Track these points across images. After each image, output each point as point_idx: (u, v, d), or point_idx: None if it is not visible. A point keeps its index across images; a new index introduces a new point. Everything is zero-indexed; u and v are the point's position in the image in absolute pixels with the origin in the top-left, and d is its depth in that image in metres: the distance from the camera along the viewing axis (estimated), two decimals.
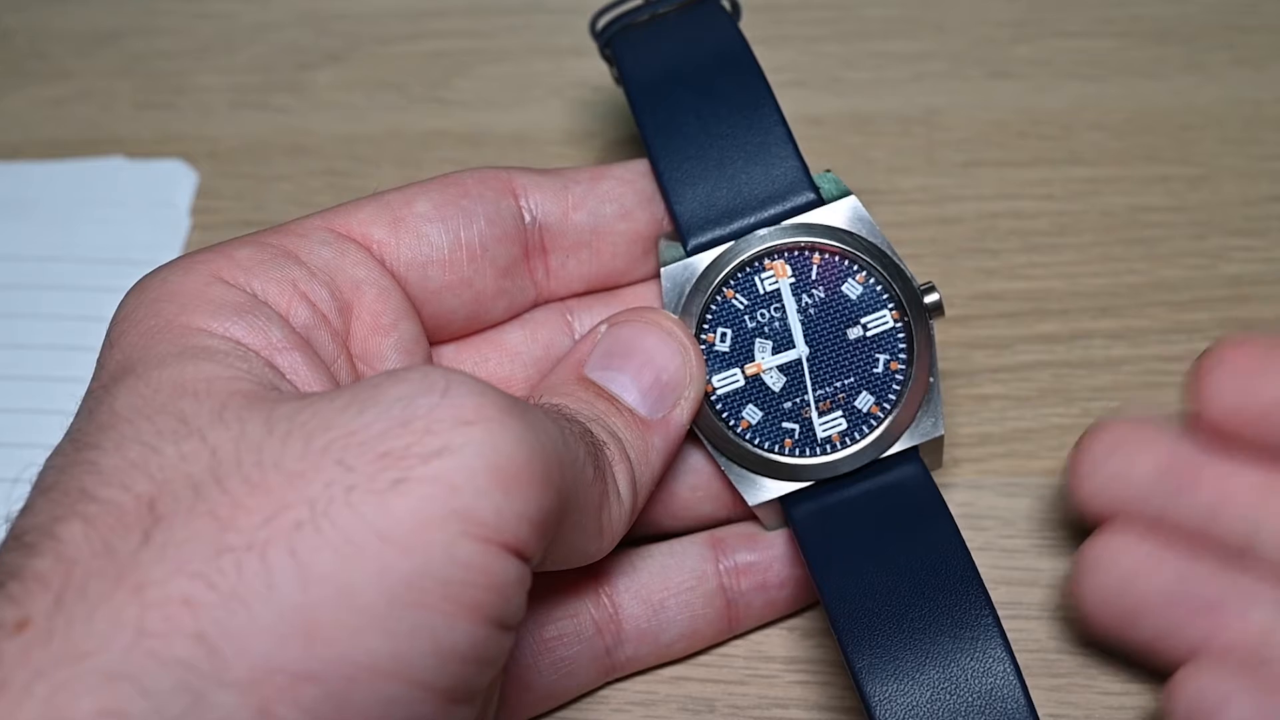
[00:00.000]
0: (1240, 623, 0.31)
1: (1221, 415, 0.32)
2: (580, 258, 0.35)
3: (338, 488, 0.23)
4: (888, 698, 0.30)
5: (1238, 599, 0.31)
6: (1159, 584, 0.32)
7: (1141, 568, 0.32)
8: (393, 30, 0.49)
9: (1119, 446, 0.33)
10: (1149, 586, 0.32)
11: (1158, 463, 0.32)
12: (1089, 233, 0.43)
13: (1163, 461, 0.32)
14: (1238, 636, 0.31)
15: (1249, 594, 0.31)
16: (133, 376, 0.27)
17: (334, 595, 0.23)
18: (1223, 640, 0.31)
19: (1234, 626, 0.31)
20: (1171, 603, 0.32)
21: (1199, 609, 0.31)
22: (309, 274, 0.31)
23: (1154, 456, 0.32)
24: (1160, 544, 0.32)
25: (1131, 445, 0.33)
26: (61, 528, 0.24)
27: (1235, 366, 0.32)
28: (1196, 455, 0.32)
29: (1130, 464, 0.32)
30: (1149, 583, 0.32)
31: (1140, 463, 0.32)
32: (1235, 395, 0.32)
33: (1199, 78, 0.46)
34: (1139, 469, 0.32)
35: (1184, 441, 0.32)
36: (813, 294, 0.34)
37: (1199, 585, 0.32)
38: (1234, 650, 0.31)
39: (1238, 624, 0.31)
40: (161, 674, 0.22)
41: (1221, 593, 0.31)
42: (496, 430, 0.24)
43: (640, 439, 0.31)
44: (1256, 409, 0.32)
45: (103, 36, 0.50)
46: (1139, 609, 0.32)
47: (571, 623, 0.34)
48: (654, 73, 0.36)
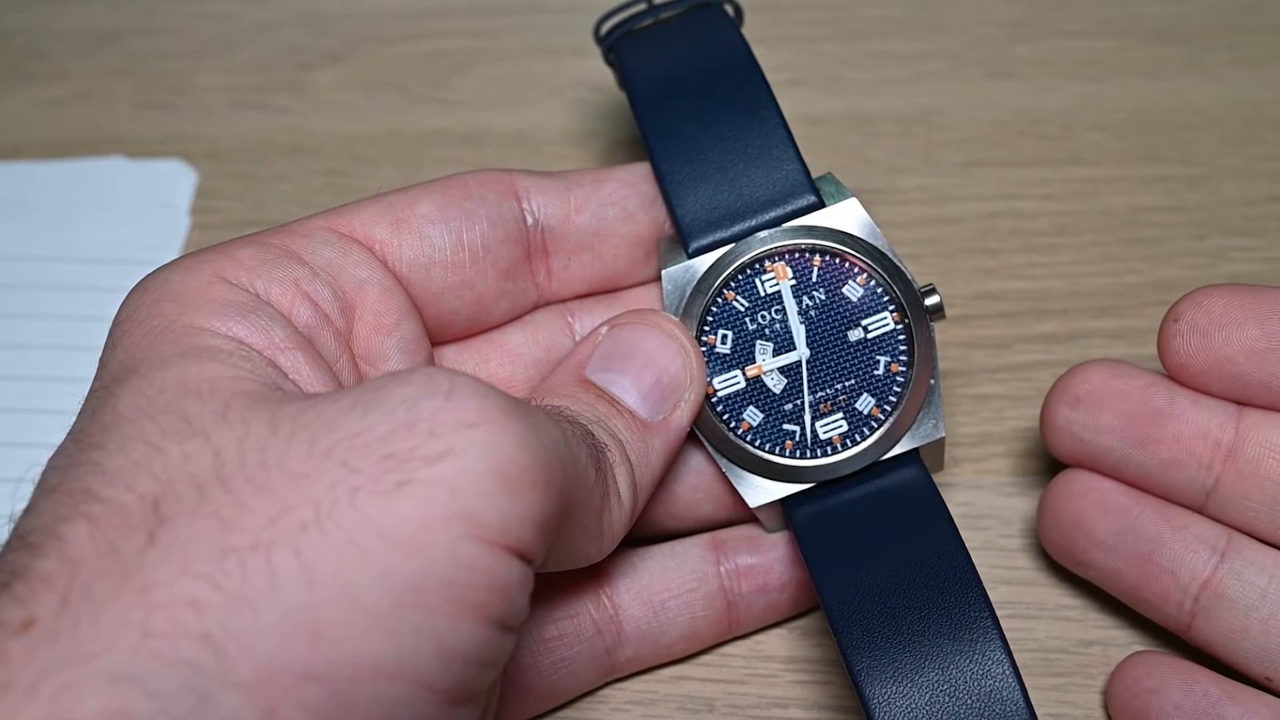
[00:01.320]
0: (1172, 572, 0.33)
1: (1181, 367, 0.33)
2: (582, 260, 0.35)
3: (342, 489, 0.23)
4: (887, 699, 0.30)
5: (1177, 547, 0.33)
6: (1107, 524, 0.34)
7: (1095, 506, 0.34)
8: (393, 30, 0.49)
9: (1088, 396, 0.34)
10: (1098, 525, 0.34)
11: (1123, 414, 0.33)
12: (1089, 233, 0.43)
13: (1128, 413, 0.33)
14: (1169, 585, 0.33)
15: (1187, 544, 0.33)
16: (135, 377, 0.27)
17: (338, 596, 0.23)
18: (1157, 587, 0.33)
19: (1166, 575, 0.33)
20: (1118, 543, 0.33)
21: (1141, 554, 0.33)
22: (311, 274, 0.31)
23: (1120, 408, 0.33)
24: (1118, 487, 0.34)
25: (1099, 395, 0.34)
26: (66, 528, 0.24)
27: (1196, 319, 0.33)
28: (1161, 407, 0.33)
29: (1096, 415, 0.33)
30: (1099, 521, 0.34)
31: (1106, 414, 0.33)
32: (1195, 348, 0.33)
33: (1199, 78, 0.46)
34: (1104, 419, 0.33)
35: (1151, 391, 0.33)
36: (813, 296, 0.34)
37: (1143, 529, 0.33)
38: (1166, 598, 0.33)
39: (1169, 574, 0.33)
40: (167, 675, 0.22)
41: (1161, 538, 0.33)
42: (500, 433, 0.24)
43: (641, 441, 0.32)
44: (1212, 361, 0.33)
45: (103, 36, 0.50)
46: (1089, 545, 0.34)
47: (572, 623, 0.34)
48: (656, 77, 0.36)
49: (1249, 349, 0.32)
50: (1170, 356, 0.33)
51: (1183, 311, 0.33)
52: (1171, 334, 0.33)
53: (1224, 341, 0.33)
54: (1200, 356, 0.33)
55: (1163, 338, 0.33)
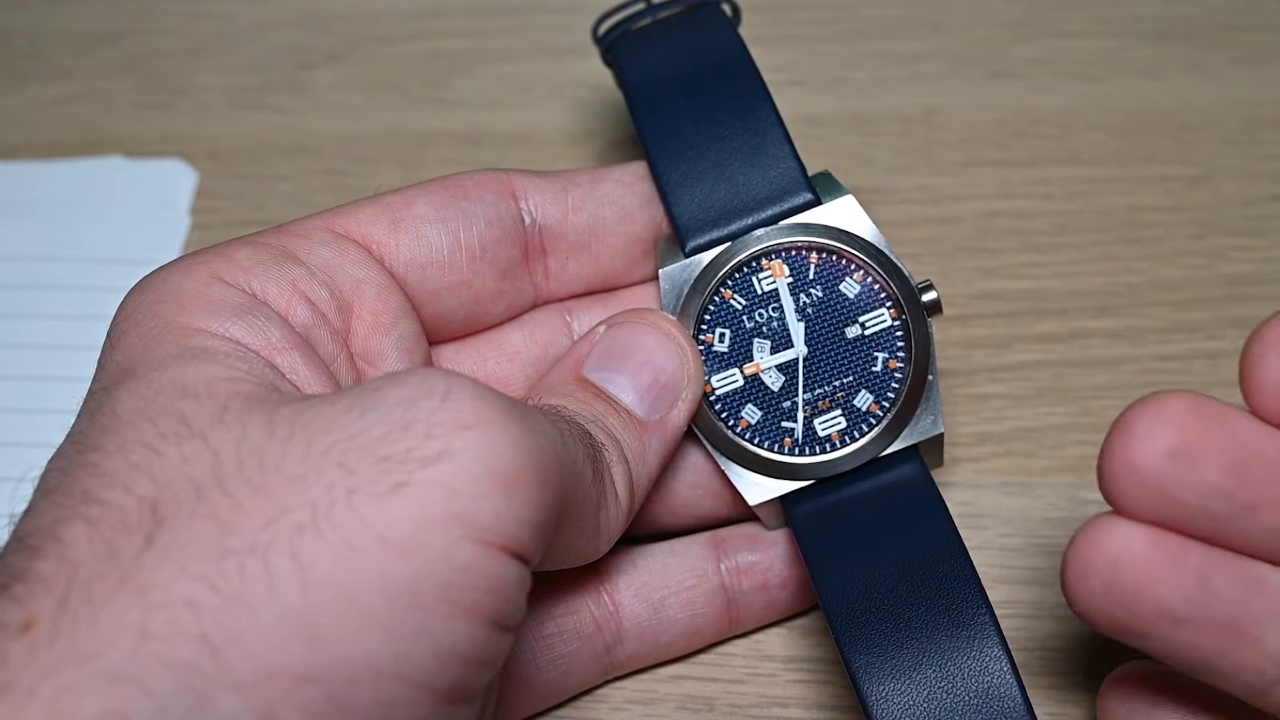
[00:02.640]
0: (1259, 640, 0.27)
1: None
2: (579, 259, 0.35)
3: (339, 491, 0.23)
4: (885, 697, 0.30)
5: (1261, 608, 0.27)
6: (1182, 588, 0.26)
7: (1164, 568, 0.26)
8: (392, 30, 0.50)
9: (1188, 445, 0.26)
10: (1171, 591, 0.26)
11: (1234, 471, 0.26)
12: (1088, 232, 0.43)
13: (1239, 469, 0.26)
14: (1253, 654, 0.27)
15: (1271, 602, 0.27)
16: (133, 379, 0.27)
17: (335, 598, 0.23)
18: (1238, 656, 0.27)
19: (1252, 643, 0.27)
20: (1194, 612, 0.26)
21: (1220, 620, 0.26)
22: (309, 274, 0.31)
23: (1228, 462, 0.26)
24: (1182, 540, 0.27)
25: (1202, 444, 0.26)
26: (65, 530, 0.24)
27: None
28: (1272, 459, 0.26)
29: (1198, 470, 0.26)
30: (1172, 587, 0.26)
31: (1212, 469, 0.26)
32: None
33: (1198, 78, 0.46)
34: (1210, 476, 0.26)
35: (1259, 439, 0.26)
36: (810, 293, 0.34)
37: (1222, 590, 0.26)
38: (1248, 665, 0.27)
39: (1255, 641, 0.27)
40: (165, 676, 0.22)
41: (1245, 601, 0.27)
42: (496, 434, 0.24)
43: (637, 440, 0.32)
44: None
45: (102, 36, 0.50)
46: (1158, 616, 0.27)
47: (571, 620, 0.34)
48: (653, 76, 0.36)
49: None
50: (1268, 398, 0.26)
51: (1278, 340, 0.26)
52: (1269, 368, 0.26)
53: None
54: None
55: (1256, 372, 0.26)
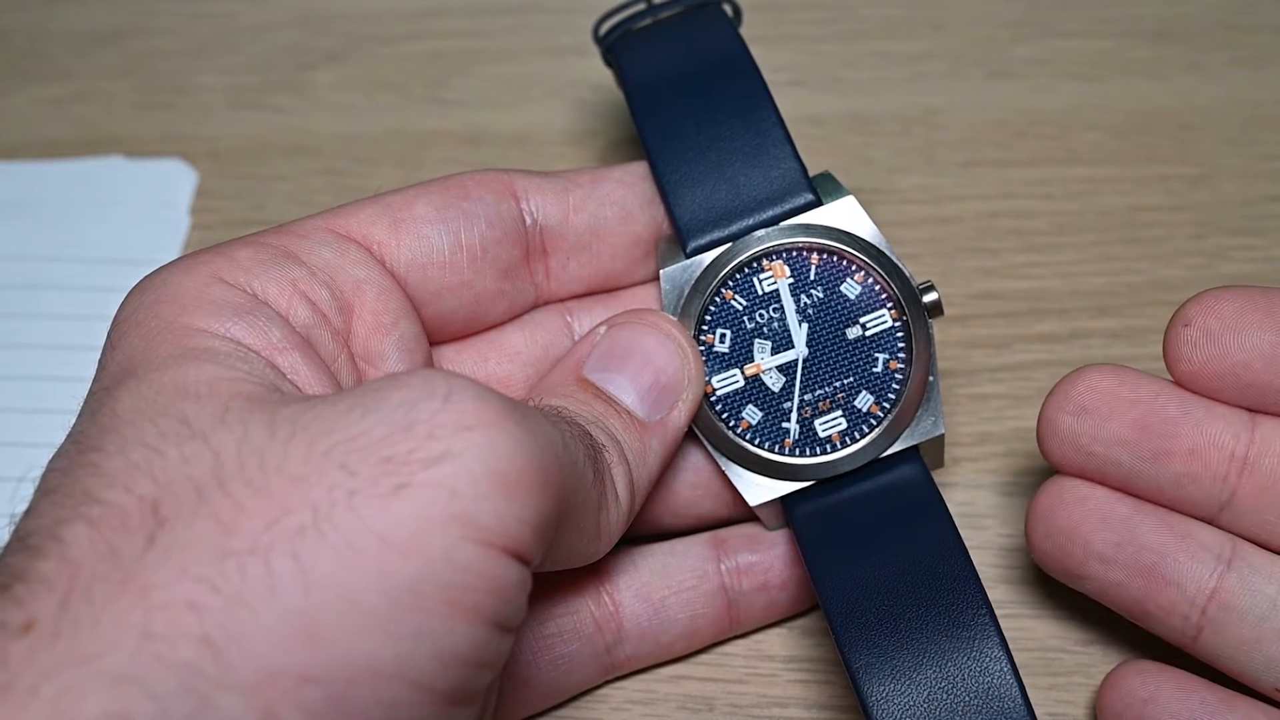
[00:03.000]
0: (1177, 584, 0.31)
1: (1193, 375, 0.31)
2: (580, 260, 0.35)
3: (340, 492, 0.23)
4: (885, 697, 0.30)
5: (1181, 557, 0.31)
6: (1106, 534, 0.32)
7: (1091, 516, 0.32)
8: (392, 30, 0.50)
9: (1095, 404, 0.32)
10: (1096, 536, 0.32)
11: (1133, 425, 0.31)
12: (1088, 232, 0.43)
13: (1139, 424, 0.31)
14: (1174, 597, 0.31)
15: (1192, 553, 0.31)
16: (134, 379, 0.27)
17: (336, 599, 0.23)
18: (1161, 599, 0.31)
19: (1171, 587, 0.31)
20: (1118, 555, 0.32)
21: (1144, 565, 0.31)
22: (309, 274, 0.31)
23: (1130, 418, 0.31)
24: (1114, 494, 0.32)
25: (1107, 404, 0.32)
26: (66, 530, 0.24)
27: (1208, 324, 0.31)
28: (1174, 417, 0.31)
29: (1104, 425, 0.32)
30: (1097, 532, 0.32)
31: (1115, 424, 0.31)
32: (1208, 354, 0.31)
33: (1198, 78, 0.46)
34: (1113, 430, 0.31)
35: (1162, 400, 0.32)
36: (811, 294, 0.34)
37: (1145, 539, 0.31)
38: (1171, 610, 0.31)
39: (1174, 586, 0.31)
40: (167, 677, 0.22)
41: (1165, 548, 0.31)
42: (498, 435, 0.24)
43: (638, 441, 0.32)
44: (1226, 368, 0.31)
45: (102, 36, 0.50)
46: (1087, 557, 0.32)
47: (571, 620, 0.34)
48: (654, 77, 0.36)
49: (1265, 354, 0.31)
50: (1180, 363, 0.32)
51: (1192, 316, 0.31)
52: (1181, 340, 0.31)
53: (1238, 347, 0.31)
54: (1213, 363, 0.31)
55: (1171, 344, 0.32)
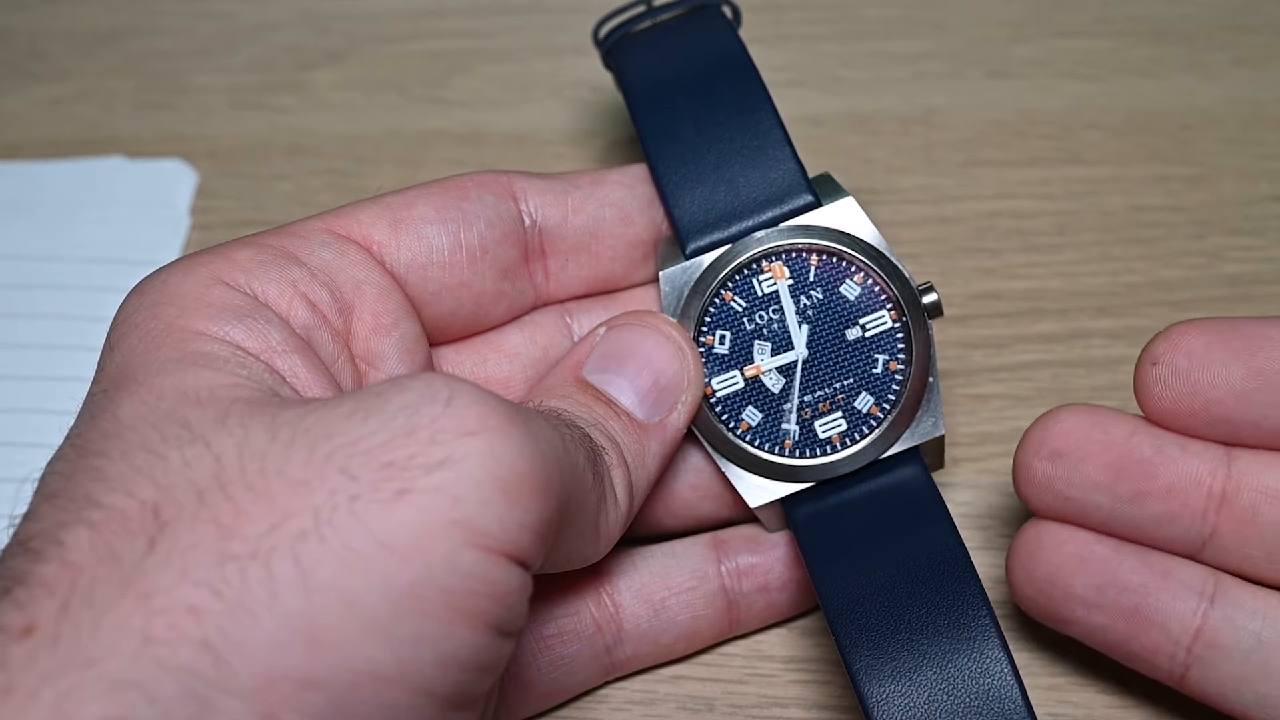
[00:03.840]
0: (1161, 625, 0.31)
1: (1164, 413, 0.31)
2: (580, 261, 0.35)
3: (341, 496, 0.24)
4: (885, 698, 0.30)
5: (1164, 597, 0.31)
6: (1087, 578, 0.31)
7: (1072, 560, 0.32)
8: (393, 30, 0.49)
9: (1069, 449, 0.31)
10: (1078, 580, 0.31)
11: (1109, 467, 0.31)
12: (1088, 232, 0.43)
13: (1115, 466, 0.31)
14: (1159, 638, 0.31)
15: (1174, 592, 0.31)
16: (134, 382, 0.27)
17: (337, 604, 0.23)
18: (1146, 641, 0.31)
19: (1155, 628, 0.31)
20: (1101, 598, 0.31)
21: (1127, 607, 0.31)
22: (309, 275, 0.31)
23: (1105, 460, 0.31)
24: (1093, 536, 0.32)
25: (1081, 447, 0.31)
26: (67, 534, 0.24)
27: (1177, 362, 0.31)
28: (1149, 456, 0.31)
29: (1080, 469, 0.31)
30: (1078, 576, 0.31)
31: (1090, 467, 0.31)
32: (1179, 392, 0.31)
33: (1198, 78, 0.46)
34: (1089, 473, 0.31)
35: (1136, 440, 0.31)
36: (811, 295, 0.34)
37: (1126, 580, 0.31)
38: (1157, 651, 0.31)
39: (1158, 626, 0.31)
40: (168, 681, 0.22)
41: (1146, 589, 0.31)
42: (499, 441, 0.24)
43: (637, 443, 0.32)
44: (1199, 405, 0.31)
45: (103, 36, 0.50)
46: (1069, 602, 0.32)
47: (572, 621, 0.34)
48: (652, 79, 0.36)
49: (1236, 389, 0.31)
50: (1151, 402, 0.31)
51: (1160, 354, 0.31)
52: (1151, 379, 0.31)
53: (1209, 384, 0.31)
54: (1185, 400, 0.31)
55: (1141, 382, 0.31)
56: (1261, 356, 0.31)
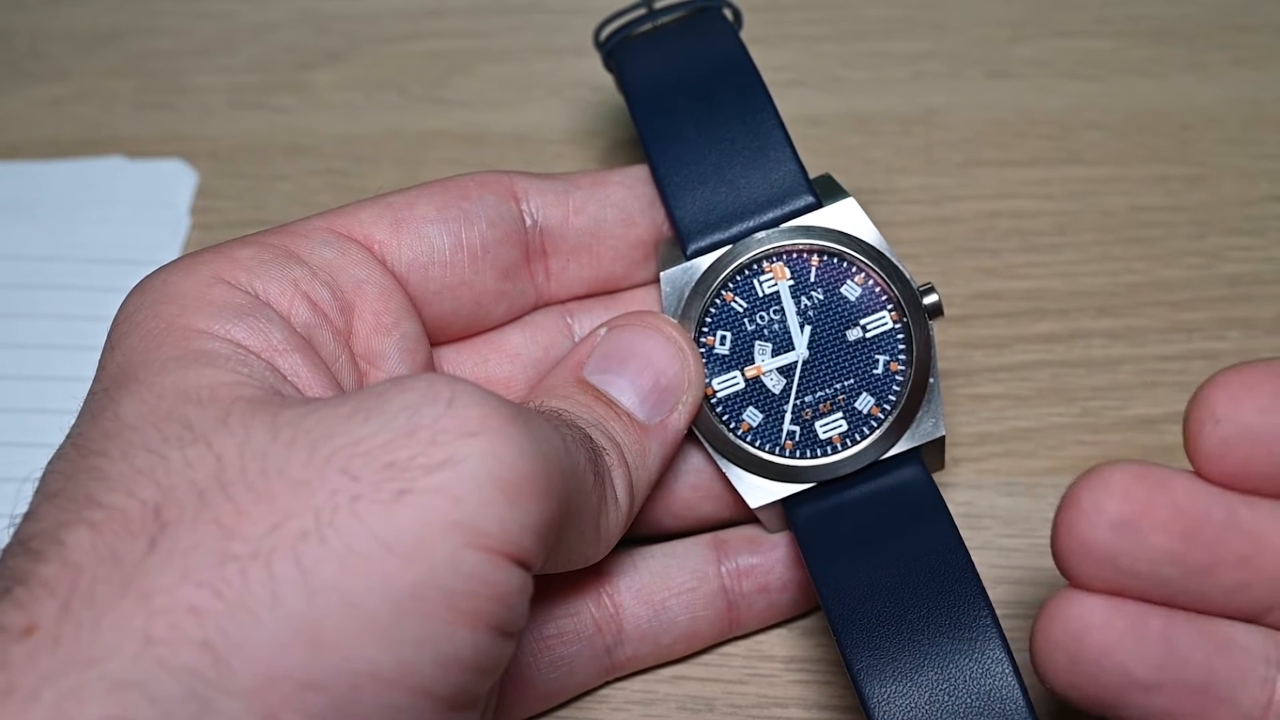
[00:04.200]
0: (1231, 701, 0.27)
1: (1230, 475, 0.27)
2: (581, 261, 0.35)
3: (342, 497, 0.24)
4: (886, 699, 0.30)
5: (1230, 671, 0.27)
6: (1146, 657, 0.27)
7: (1127, 638, 0.27)
8: (393, 30, 0.49)
9: (1133, 516, 0.27)
10: (1135, 661, 0.27)
11: (1180, 537, 0.27)
12: (1088, 232, 0.43)
13: (1186, 535, 0.27)
14: (1227, 715, 0.27)
15: (1240, 663, 0.27)
16: (135, 381, 0.27)
17: (338, 604, 0.23)
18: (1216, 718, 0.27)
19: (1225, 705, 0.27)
20: (1163, 679, 0.27)
21: (1193, 686, 0.27)
22: (310, 274, 0.31)
23: (1175, 529, 0.27)
24: (1143, 607, 0.27)
25: (1146, 515, 0.27)
26: (68, 534, 0.24)
27: (1241, 418, 0.27)
28: (1221, 521, 0.27)
29: (1146, 540, 0.27)
30: (1135, 656, 0.27)
31: (1158, 537, 0.27)
32: (1247, 452, 0.27)
33: (1198, 78, 0.46)
34: (1157, 544, 0.27)
35: (1203, 503, 0.27)
36: (812, 296, 0.34)
37: (1189, 655, 0.27)
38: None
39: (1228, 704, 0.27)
40: (169, 682, 0.22)
41: (1211, 664, 0.27)
42: (501, 442, 0.24)
43: (638, 443, 0.32)
44: (1271, 465, 0.27)
45: (103, 36, 0.50)
46: (1126, 686, 0.27)
47: (572, 621, 0.34)
48: (654, 80, 0.36)
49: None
50: (1215, 463, 0.27)
51: (1219, 408, 0.27)
52: (1214, 440, 0.27)
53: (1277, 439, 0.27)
54: (1258, 462, 0.27)
55: (1199, 441, 0.27)
56: None
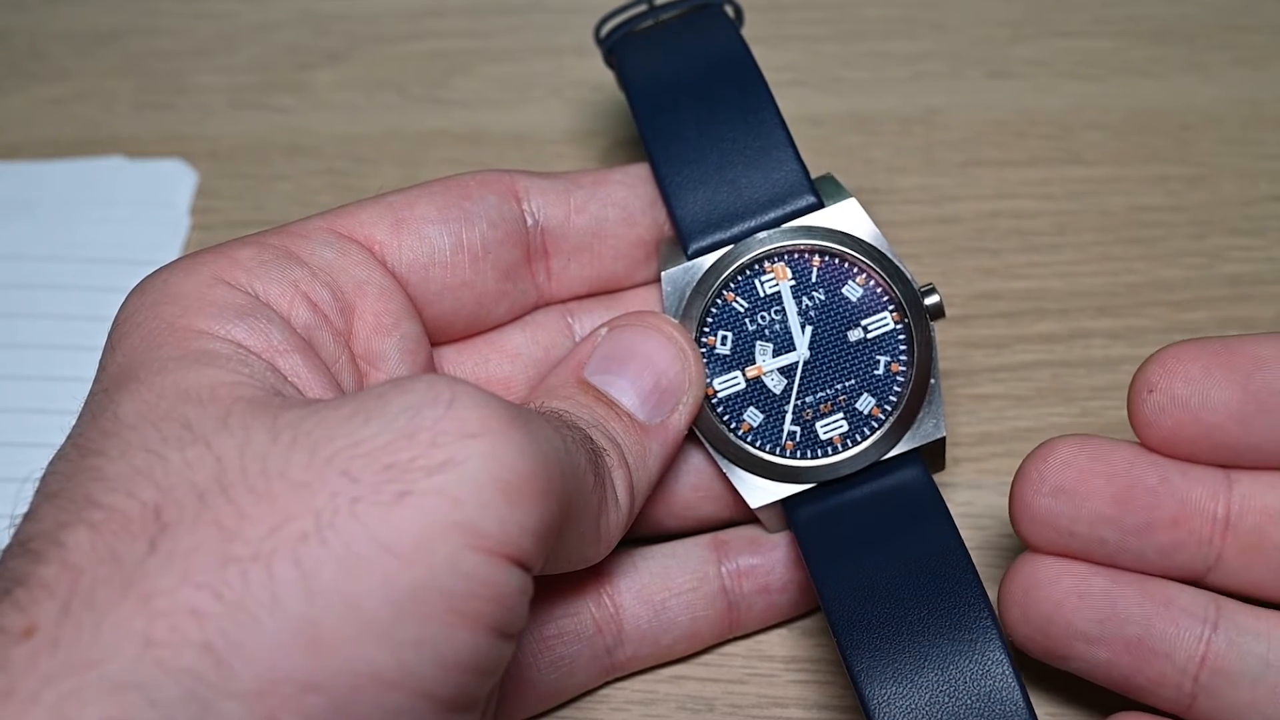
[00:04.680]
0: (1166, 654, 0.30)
1: (1164, 441, 0.30)
2: (582, 261, 0.35)
3: (343, 499, 0.23)
4: (886, 700, 0.30)
5: (1166, 626, 0.30)
6: (1088, 612, 0.30)
7: (1070, 595, 0.31)
8: (393, 30, 0.49)
9: (1071, 484, 0.30)
10: (1078, 615, 0.31)
11: (1114, 501, 0.30)
12: (1088, 232, 0.43)
13: (1119, 499, 0.30)
14: (1164, 668, 0.30)
15: (1177, 620, 0.30)
16: (135, 382, 0.27)
17: (339, 606, 0.23)
18: (1151, 672, 0.30)
19: (1160, 658, 0.30)
20: (1103, 632, 0.30)
21: (1130, 640, 0.30)
22: (311, 274, 0.31)
23: (1109, 494, 0.30)
24: (1090, 568, 0.31)
25: (1083, 481, 0.30)
26: (68, 535, 0.24)
27: (1174, 389, 0.30)
28: (1154, 486, 0.30)
29: (1083, 504, 0.30)
30: (1078, 611, 0.31)
31: (1094, 501, 0.30)
32: (1178, 419, 0.30)
33: (1198, 78, 0.46)
34: (1094, 508, 0.30)
35: (1138, 470, 0.30)
36: (813, 296, 0.34)
37: (1127, 612, 0.30)
38: (1163, 682, 0.30)
39: (1163, 656, 0.30)
40: (169, 684, 0.22)
41: (1149, 619, 0.30)
42: (501, 443, 0.24)
43: (638, 444, 0.32)
44: (1199, 431, 0.30)
45: (103, 36, 0.50)
46: (1070, 638, 0.31)
47: (572, 621, 0.34)
48: (655, 79, 0.36)
49: (1234, 412, 0.30)
50: (1149, 429, 0.30)
51: (1156, 380, 0.30)
52: (1149, 406, 0.30)
53: (1209, 410, 0.30)
54: (1184, 428, 0.30)
55: (1137, 409, 0.30)
56: (1259, 379, 0.30)
